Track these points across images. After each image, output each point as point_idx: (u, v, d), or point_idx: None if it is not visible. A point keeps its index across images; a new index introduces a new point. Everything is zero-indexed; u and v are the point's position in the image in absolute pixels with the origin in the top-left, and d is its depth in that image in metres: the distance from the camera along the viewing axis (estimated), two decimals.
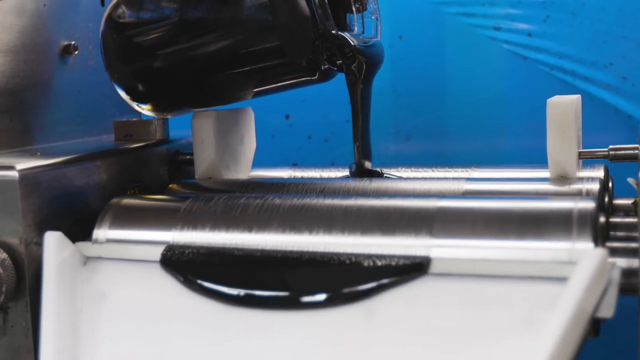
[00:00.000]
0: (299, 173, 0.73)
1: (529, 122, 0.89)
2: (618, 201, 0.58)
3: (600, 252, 0.43)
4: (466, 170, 0.65)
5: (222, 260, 0.54)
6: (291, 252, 0.52)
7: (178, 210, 0.57)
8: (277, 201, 0.56)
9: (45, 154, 0.63)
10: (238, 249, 0.54)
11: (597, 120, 0.85)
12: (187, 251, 0.55)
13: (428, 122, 0.95)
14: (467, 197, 0.53)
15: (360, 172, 0.67)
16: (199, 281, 0.53)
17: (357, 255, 0.50)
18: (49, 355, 0.51)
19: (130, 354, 0.53)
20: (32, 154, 0.64)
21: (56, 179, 0.59)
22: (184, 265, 0.54)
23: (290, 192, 0.63)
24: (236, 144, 0.72)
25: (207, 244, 0.55)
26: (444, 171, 0.66)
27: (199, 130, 0.69)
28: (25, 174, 0.56)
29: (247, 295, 0.51)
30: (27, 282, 0.55)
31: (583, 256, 0.43)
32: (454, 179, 0.60)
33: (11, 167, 0.56)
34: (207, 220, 0.56)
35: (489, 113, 0.92)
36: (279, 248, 0.53)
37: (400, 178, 0.65)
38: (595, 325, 0.47)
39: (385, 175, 0.66)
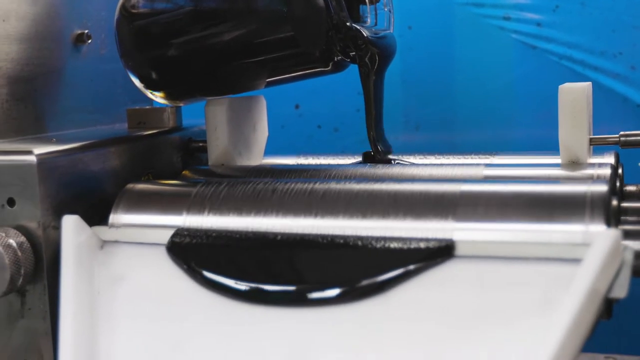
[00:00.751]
0: (310, 160, 0.73)
1: (538, 111, 0.90)
2: (629, 188, 0.59)
3: (614, 233, 0.44)
4: (477, 157, 0.66)
5: (229, 248, 0.54)
6: (306, 236, 0.53)
7: (190, 194, 0.58)
8: (292, 185, 0.56)
9: (61, 141, 0.64)
10: (247, 234, 0.54)
11: (606, 109, 0.85)
12: (193, 236, 0.55)
13: (437, 111, 0.95)
14: (489, 181, 0.54)
15: (370, 160, 0.67)
16: (203, 271, 0.53)
17: (380, 239, 0.50)
18: (69, 335, 0.52)
19: (146, 336, 0.54)
20: (48, 140, 0.65)
21: (73, 164, 0.59)
22: (189, 252, 0.55)
23: (305, 177, 0.64)
24: (249, 132, 0.73)
25: (217, 228, 0.56)
26: (457, 158, 0.67)
27: (212, 117, 0.69)
28: (43, 159, 0.56)
29: (252, 290, 0.52)
30: (44, 265, 0.56)
31: (597, 237, 0.44)
32: (472, 164, 0.61)
33: (29, 152, 0.56)
34: (219, 205, 0.57)
35: (498, 103, 0.92)
36: (293, 232, 0.53)
37: (418, 164, 0.65)
38: (608, 307, 0.48)
39: (397, 162, 0.67)
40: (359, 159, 0.69)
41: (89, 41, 0.77)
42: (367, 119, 0.67)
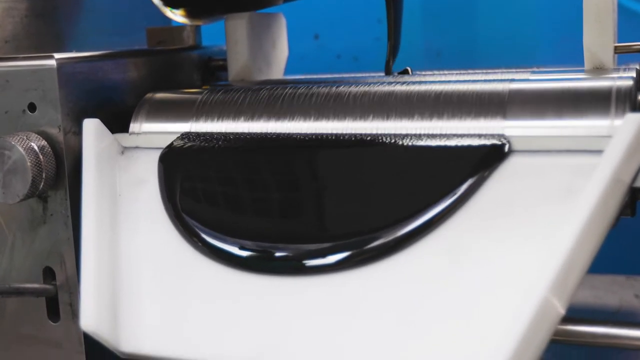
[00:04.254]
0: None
1: (561, 37, 0.88)
2: None
3: (638, 117, 0.43)
4: (502, 71, 0.65)
5: (222, 155, 0.54)
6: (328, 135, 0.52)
7: (196, 101, 0.58)
8: (309, 90, 0.55)
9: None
10: (249, 139, 0.54)
11: (628, 33, 0.84)
12: (187, 145, 0.55)
13: (458, 38, 0.94)
14: (535, 80, 0.53)
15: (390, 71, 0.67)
16: (179, 207, 0.53)
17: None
18: (90, 234, 0.52)
19: (165, 238, 0.54)
20: (69, 52, 0.64)
21: (93, 72, 0.59)
22: (173, 169, 0.55)
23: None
24: (268, 48, 0.72)
25: (215, 133, 0.56)
26: (483, 73, 0.65)
27: (232, 31, 0.69)
28: (63, 63, 0.56)
29: (240, 253, 0.51)
30: (66, 170, 0.56)
31: (622, 123, 0.44)
32: (519, 71, 0.60)
33: (50, 57, 0.56)
34: (221, 111, 0.57)
35: (520, 28, 0.91)
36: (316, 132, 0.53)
37: (458, 73, 0.64)
38: (633, 202, 0.48)
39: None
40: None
41: None
42: (388, 26, 0.66)
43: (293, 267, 0.49)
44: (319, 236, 0.50)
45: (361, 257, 0.47)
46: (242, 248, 0.50)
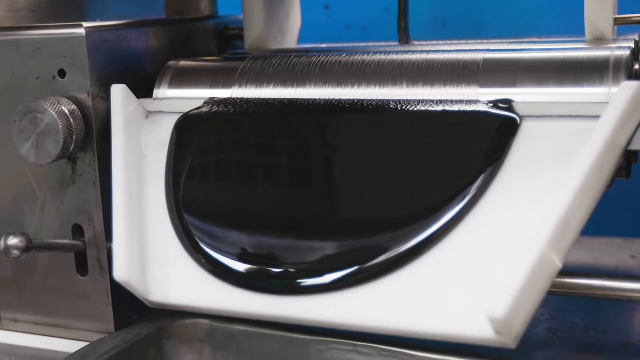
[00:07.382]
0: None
1: (565, 8, 0.91)
2: None
3: (633, 84, 0.46)
4: (507, 41, 0.67)
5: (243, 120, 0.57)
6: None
7: (232, 69, 0.61)
8: (318, 59, 0.59)
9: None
10: (267, 108, 0.57)
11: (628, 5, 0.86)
12: (203, 114, 0.58)
13: (465, 8, 0.96)
14: (537, 49, 0.56)
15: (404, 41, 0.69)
16: (180, 203, 0.57)
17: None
18: (120, 193, 0.56)
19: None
20: (94, 21, 0.67)
21: (119, 40, 0.62)
22: (185, 142, 0.58)
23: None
24: (283, 18, 0.75)
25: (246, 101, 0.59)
26: (487, 43, 0.68)
27: (249, 1, 0.72)
28: (91, 31, 0.59)
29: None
30: (94, 133, 0.59)
31: (618, 89, 0.47)
32: (521, 41, 0.63)
33: (79, 25, 0.59)
34: (254, 77, 0.60)
35: None
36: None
37: (458, 43, 0.67)
38: (628, 165, 0.51)
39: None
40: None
41: None
42: None
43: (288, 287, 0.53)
44: (322, 253, 0.53)
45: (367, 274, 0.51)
46: (239, 260, 0.54)
